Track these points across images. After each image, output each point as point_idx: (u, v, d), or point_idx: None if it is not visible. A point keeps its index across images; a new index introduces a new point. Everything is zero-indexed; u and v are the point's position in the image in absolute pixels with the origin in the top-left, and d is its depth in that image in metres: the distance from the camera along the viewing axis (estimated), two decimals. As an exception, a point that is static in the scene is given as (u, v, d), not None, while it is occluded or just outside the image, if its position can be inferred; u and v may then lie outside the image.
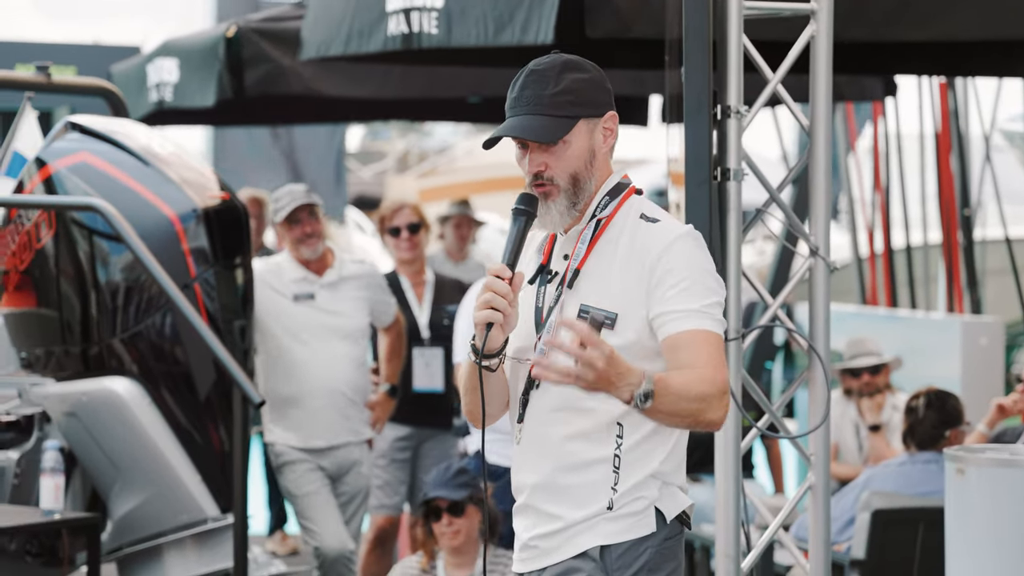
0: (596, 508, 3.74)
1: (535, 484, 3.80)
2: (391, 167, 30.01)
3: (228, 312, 6.74)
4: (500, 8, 6.07)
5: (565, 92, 3.73)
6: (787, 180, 5.53)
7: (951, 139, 11.19)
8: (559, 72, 3.75)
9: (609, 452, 3.73)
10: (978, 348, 9.32)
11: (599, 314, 3.71)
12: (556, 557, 3.79)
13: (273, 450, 7.40)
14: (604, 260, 3.76)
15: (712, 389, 3.62)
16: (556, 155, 3.75)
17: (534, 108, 3.74)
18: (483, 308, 3.67)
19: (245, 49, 8.82)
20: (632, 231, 3.76)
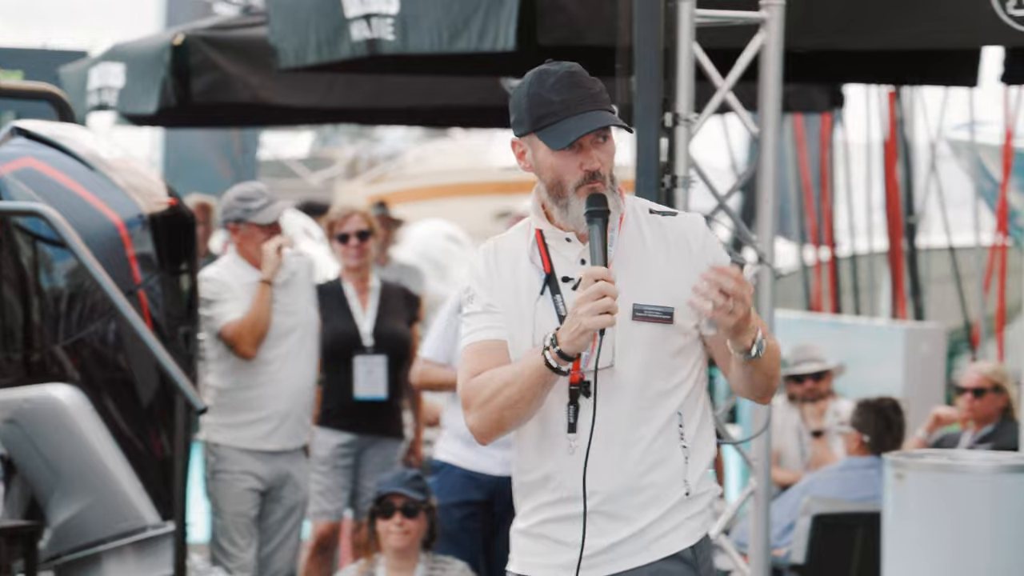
0: (676, 499, 3.77)
1: (612, 491, 3.77)
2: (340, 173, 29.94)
3: (173, 319, 6.72)
4: (454, 15, 6.08)
5: (604, 91, 3.80)
6: (735, 188, 5.57)
7: (897, 148, 11.27)
8: (587, 75, 3.79)
9: (677, 442, 3.77)
10: (920, 355, 9.39)
11: (654, 311, 3.74)
12: (638, 560, 3.78)
13: (216, 452, 7.34)
14: (633, 257, 3.77)
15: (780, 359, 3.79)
16: (606, 152, 3.78)
17: (597, 104, 3.76)
18: (601, 312, 3.62)
19: (192, 57, 8.81)
20: (653, 226, 3.82)
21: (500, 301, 3.81)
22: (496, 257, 3.86)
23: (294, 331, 7.37)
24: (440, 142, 28.50)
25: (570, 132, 3.72)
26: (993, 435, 7.54)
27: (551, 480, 3.82)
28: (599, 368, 3.72)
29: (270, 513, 7.40)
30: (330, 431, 7.99)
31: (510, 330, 3.79)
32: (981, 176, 11.50)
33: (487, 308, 3.83)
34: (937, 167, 11.25)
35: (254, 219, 7.37)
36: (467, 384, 3.81)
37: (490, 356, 3.80)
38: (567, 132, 3.73)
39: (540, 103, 3.75)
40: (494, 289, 3.83)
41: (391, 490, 6.60)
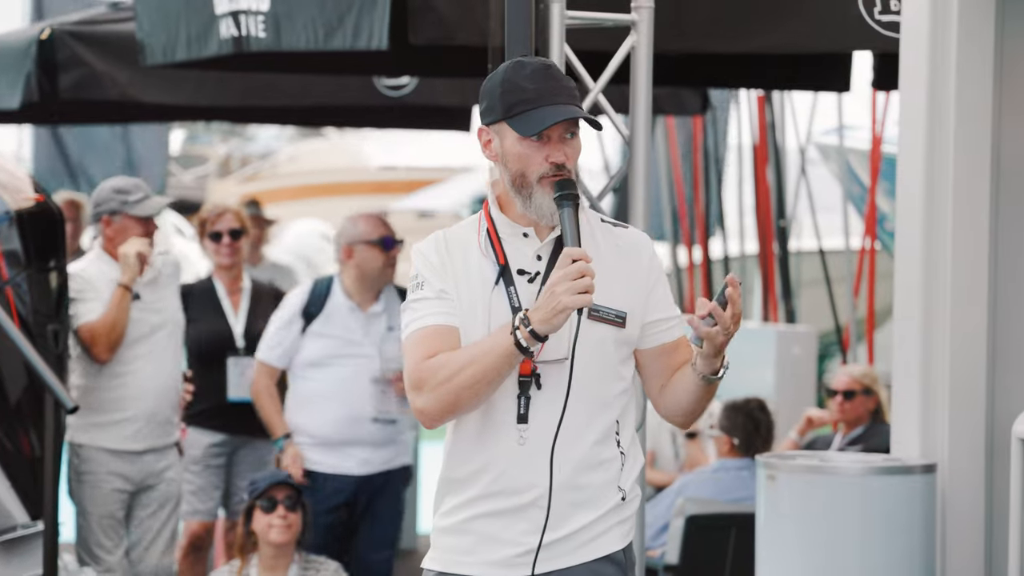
0: (611, 505, 3.80)
1: (556, 483, 3.76)
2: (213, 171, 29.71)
3: (41, 316, 6.62)
4: (328, 13, 6.05)
5: (575, 90, 3.84)
6: (607, 189, 5.58)
7: (768, 152, 11.38)
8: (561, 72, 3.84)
9: (616, 448, 3.81)
10: (791, 357, 9.49)
11: (610, 313, 3.77)
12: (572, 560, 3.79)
13: (79, 453, 7.24)
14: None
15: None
16: (573, 147, 3.81)
17: (570, 98, 3.78)
18: (581, 291, 3.63)
19: (60, 52, 8.66)
20: (606, 234, 3.86)
21: (453, 289, 3.81)
22: (447, 247, 3.86)
23: (159, 330, 7.27)
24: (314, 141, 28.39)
25: (543, 120, 3.75)
26: (863, 437, 7.64)
27: (489, 472, 3.80)
28: (552, 360, 3.74)
29: (139, 511, 7.30)
30: (203, 431, 7.92)
31: (462, 319, 3.79)
32: (850, 181, 11.64)
33: (440, 295, 3.81)
34: (807, 171, 11.36)
35: (131, 211, 7.23)
36: (420, 365, 3.77)
37: (443, 340, 3.78)
38: (539, 120, 3.75)
39: (514, 90, 3.77)
40: (447, 277, 3.82)
41: (272, 482, 6.58)
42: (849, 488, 4.91)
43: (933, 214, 5.11)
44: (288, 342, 7.25)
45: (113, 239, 7.25)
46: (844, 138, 11.30)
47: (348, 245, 7.30)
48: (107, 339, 7.11)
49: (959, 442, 5.08)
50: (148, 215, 7.25)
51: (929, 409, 5.08)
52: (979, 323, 5.12)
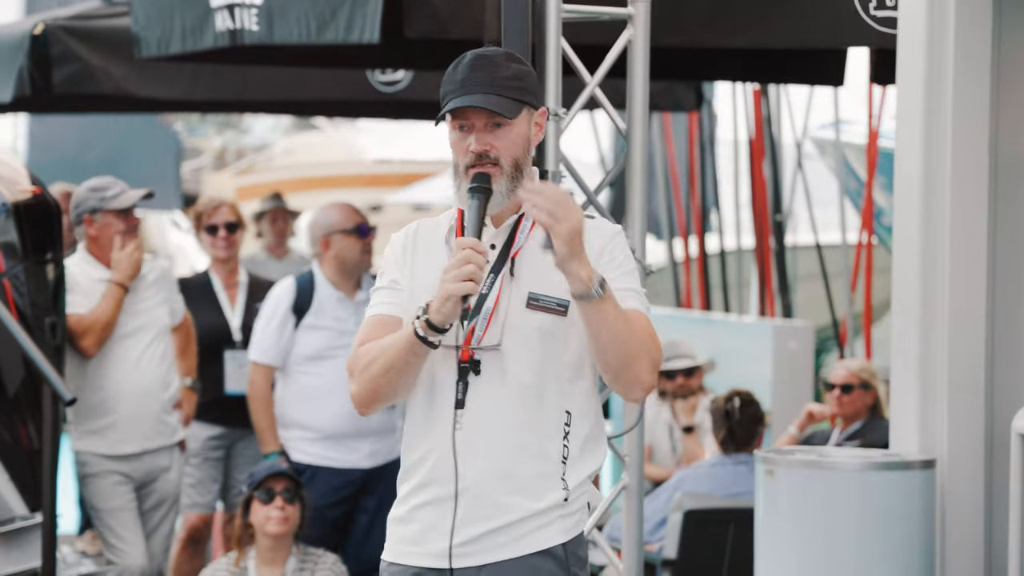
0: (552, 500, 3.78)
1: (485, 471, 3.78)
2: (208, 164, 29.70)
3: (38, 308, 6.62)
4: (321, 6, 6.05)
5: (515, 78, 3.83)
6: (604, 183, 5.58)
7: (764, 146, 11.37)
8: (506, 60, 3.85)
9: (559, 442, 3.78)
10: (788, 352, 9.48)
11: (550, 302, 3.78)
12: (509, 553, 3.79)
13: (78, 459, 7.26)
14: (541, 252, 3.77)
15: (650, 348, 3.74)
16: (500, 137, 3.81)
17: (490, 88, 3.80)
18: (464, 279, 3.67)
19: (53, 47, 8.66)
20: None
21: (408, 279, 3.86)
22: (415, 237, 3.92)
23: (139, 333, 7.26)
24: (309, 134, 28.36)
25: (447, 109, 3.81)
26: (861, 432, 7.63)
27: (430, 459, 3.83)
28: (485, 347, 3.77)
29: (140, 504, 7.31)
30: (201, 424, 7.92)
31: (408, 309, 3.81)
32: (846, 175, 11.63)
33: (391, 284, 3.89)
34: (803, 166, 11.36)
35: (110, 206, 7.25)
36: (354, 353, 3.86)
37: (380, 329, 3.85)
38: (444, 109, 3.82)
39: (448, 81, 3.84)
40: (404, 268, 3.89)
41: (269, 473, 6.59)
42: (848, 484, 4.91)
43: (931, 208, 5.11)
44: (284, 340, 7.22)
45: (97, 238, 7.26)
46: (840, 132, 11.29)
47: (325, 236, 7.28)
48: (96, 330, 7.11)
49: (958, 437, 5.08)
50: (126, 207, 7.25)
51: (928, 404, 5.07)
52: (978, 317, 5.12)
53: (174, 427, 7.37)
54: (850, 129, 11.66)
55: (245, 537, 6.62)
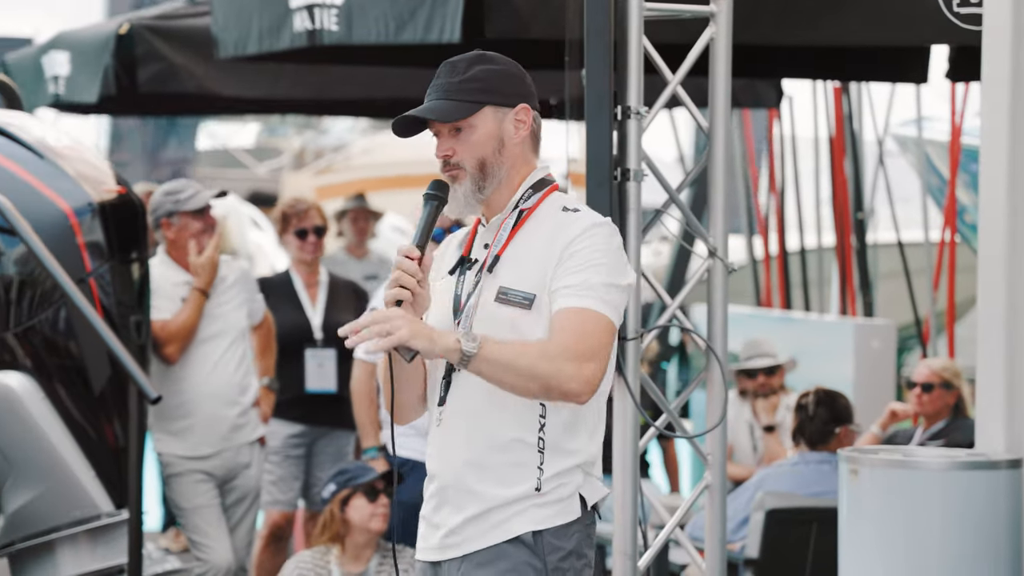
0: (524, 489, 3.81)
1: (462, 463, 3.84)
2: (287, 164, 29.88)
3: (124, 307, 6.68)
4: (401, 6, 6.07)
5: (472, 80, 3.88)
6: (686, 182, 5.57)
7: (845, 143, 11.31)
8: (470, 63, 3.90)
9: (533, 433, 3.81)
10: (870, 351, 9.43)
11: (516, 295, 3.81)
12: (483, 542, 3.83)
13: (161, 459, 7.33)
14: (524, 248, 3.85)
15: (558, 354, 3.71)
16: (462, 140, 3.87)
17: (443, 94, 3.89)
18: (392, 286, 3.77)
19: (138, 46, 8.77)
20: (553, 221, 3.87)
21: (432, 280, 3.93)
22: (447, 245, 4.04)
23: (218, 336, 7.31)
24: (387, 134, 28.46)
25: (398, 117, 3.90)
26: (944, 431, 7.58)
27: (430, 458, 3.95)
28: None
29: (222, 500, 7.37)
30: (282, 422, 7.97)
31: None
32: (929, 172, 11.55)
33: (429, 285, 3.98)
34: (885, 163, 11.29)
35: (185, 208, 7.32)
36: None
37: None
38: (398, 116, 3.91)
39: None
40: (435, 269, 3.99)
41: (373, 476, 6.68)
42: (933, 483, 4.87)
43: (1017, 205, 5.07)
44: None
45: (175, 241, 7.32)
46: (923, 129, 11.21)
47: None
48: (179, 337, 7.18)
49: (1044, 436, 5.03)
50: (201, 207, 7.32)
51: (1014, 403, 5.03)
52: (1065, 316, 5.07)
53: (254, 424, 7.42)
54: (932, 126, 11.58)
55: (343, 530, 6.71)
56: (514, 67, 3.95)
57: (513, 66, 3.95)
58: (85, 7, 33.57)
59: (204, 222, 7.34)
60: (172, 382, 7.21)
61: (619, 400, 5.06)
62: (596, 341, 3.75)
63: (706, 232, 5.29)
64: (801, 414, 7.13)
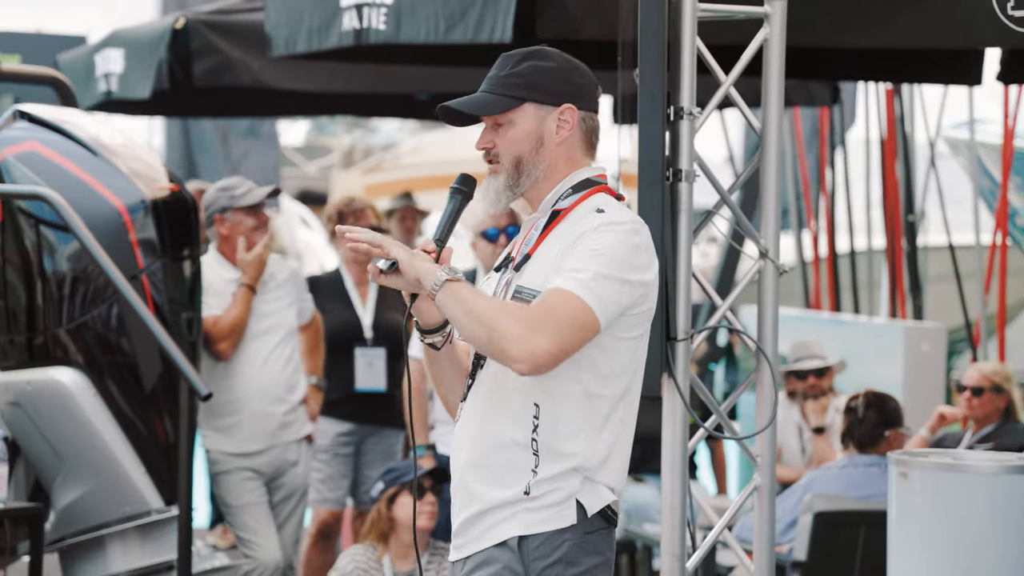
0: (515, 492, 3.75)
1: (466, 462, 3.82)
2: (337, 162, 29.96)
3: (175, 304, 6.72)
4: (452, 6, 6.08)
5: (516, 75, 3.84)
6: (738, 183, 5.55)
7: (896, 145, 11.26)
8: (521, 58, 3.86)
9: (527, 433, 3.75)
10: (920, 354, 9.39)
11: (528, 294, 3.77)
12: (478, 545, 3.80)
13: (209, 457, 7.37)
14: (553, 248, 3.81)
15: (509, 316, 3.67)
16: (501, 135, 3.85)
17: (488, 86, 3.86)
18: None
19: (194, 41, 8.81)
20: (580, 223, 3.81)
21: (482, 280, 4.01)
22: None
23: (267, 334, 7.34)
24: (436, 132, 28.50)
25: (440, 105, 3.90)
26: (994, 435, 7.55)
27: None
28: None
29: (269, 497, 7.40)
30: (331, 420, 8.00)
31: None
32: (980, 175, 11.49)
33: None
34: (936, 165, 11.24)
35: (239, 203, 7.36)
36: None
37: None
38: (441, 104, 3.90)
39: None
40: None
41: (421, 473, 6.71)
42: (982, 487, 4.85)
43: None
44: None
45: (228, 237, 7.36)
46: (975, 132, 11.16)
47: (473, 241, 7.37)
48: (230, 334, 7.21)
49: (1096, 441, 5.01)
50: (255, 203, 7.35)
51: (1066, 407, 5.01)
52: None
53: (301, 421, 7.45)
54: (984, 128, 11.52)
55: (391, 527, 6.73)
56: (569, 65, 3.87)
57: (568, 64, 3.87)
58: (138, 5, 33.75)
59: (257, 219, 7.38)
60: (221, 379, 7.24)
61: (668, 401, 5.06)
62: (555, 317, 3.65)
63: (757, 233, 5.28)
64: (851, 416, 7.11)
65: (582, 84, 3.88)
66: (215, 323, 7.20)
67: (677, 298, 4.94)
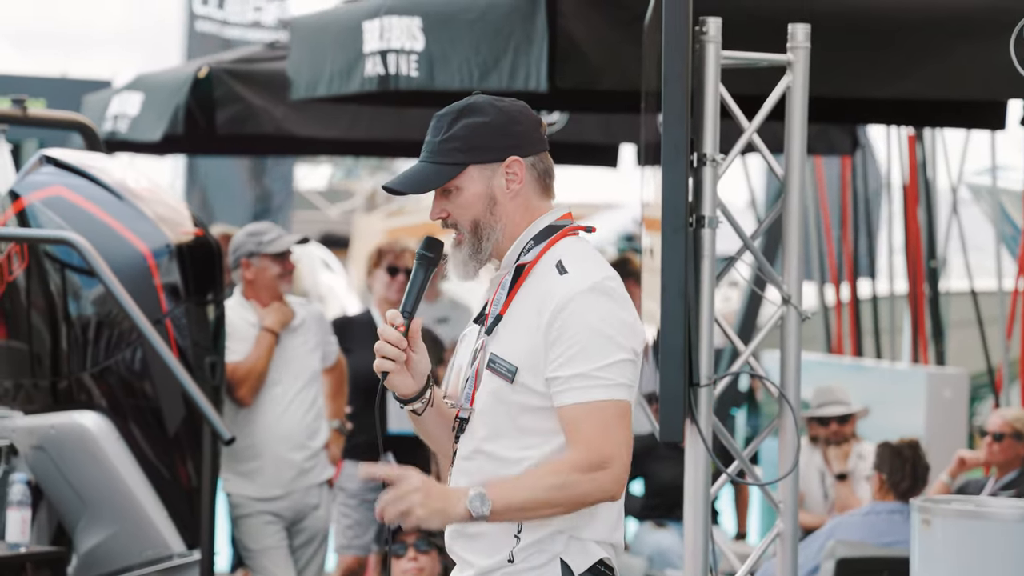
0: (500, 558, 3.67)
1: (453, 529, 3.75)
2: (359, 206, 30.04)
3: (199, 348, 6.74)
4: (484, 54, 6.12)
5: (453, 139, 3.69)
6: (761, 229, 5.56)
7: (919, 191, 11.27)
8: (454, 118, 3.71)
9: None
10: (942, 400, 9.37)
11: (502, 366, 3.66)
12: None
13: (230, 500, 7.38)
14: (520, 310, 3.69)
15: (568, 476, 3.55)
16: (452, 202, 3.71)
17: (427, 155, 3.72)
18: (378, 357, 3.68)
19: (217, 89, 8.89)
20: (543, 281, 3.68)
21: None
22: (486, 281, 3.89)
23: (289, 379, 7.35)
24: (458, 177, 28.57)
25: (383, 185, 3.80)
26: (1017, 481, 7.52)
27: None
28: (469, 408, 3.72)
29: (290, 541, 7.40)
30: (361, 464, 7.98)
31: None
32: (1003, 221, 11.49)
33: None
34: (959, 211, 11.24)
35: (267, 250, 7.38)
36: None
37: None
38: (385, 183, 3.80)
39: None
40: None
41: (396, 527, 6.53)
42: (1004, 534, 4.85)
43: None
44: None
45: (253, 281, 7.39)
46: (997, 178, 11.16)
47: None
48: (250, 380, 7.22)
49: (1120, 489, 4.99)
50: (283, 251, 7.38)
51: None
52: None
53: (322, 465, 7.45)
54: (1006, 175, 11.52)
55: None
56: (504, 116, 3.71)
57: (503, 115, 3.71)
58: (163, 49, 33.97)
59: (283, 267, 7.40)
60: (243, 423, 7.25)
61: (691, 446, 5.06)
62: (610, 439, 3.56)
63: (780, 279, 5.28)
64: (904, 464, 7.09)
65: (522, 131, 3.74)
66: (235, 369, 7.22)
67: (699, 344, 4.94)
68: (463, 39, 6.19)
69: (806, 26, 5.17)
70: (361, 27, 6.75)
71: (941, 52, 5.88)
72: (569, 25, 5.85)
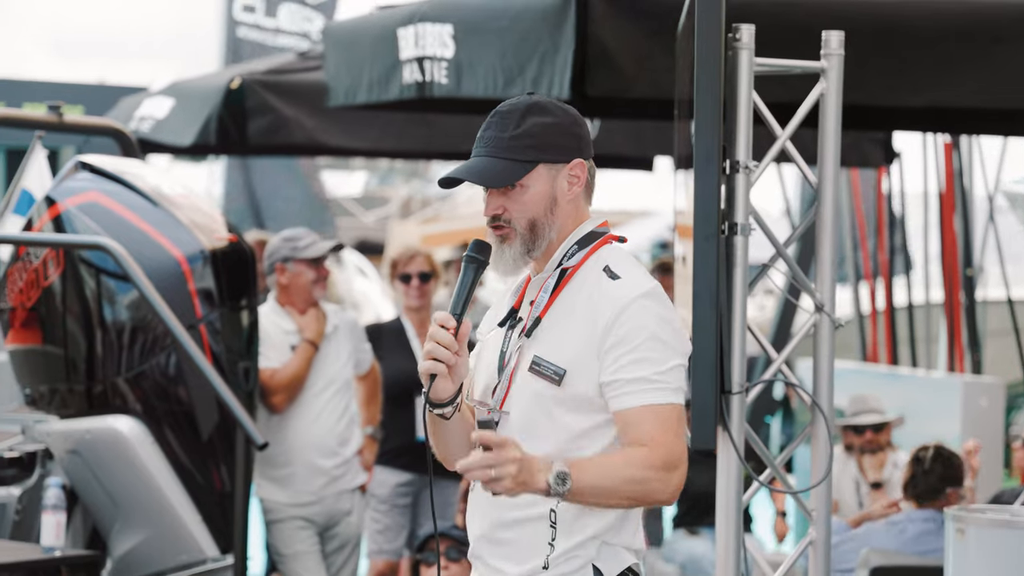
0: (532, 566, 3.65)
1: (480, 535, 3.74)
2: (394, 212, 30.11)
3: (233, 354, 6.77)
4: (509, 61, 6.13)
5: (525, 135, 3.68)
6: (794, 237, 5.55)
7: (955, 199, 11.23)
8: (522, 115, 3.70)
9: (545, 508, 3.64)
10: (978, 408, 9.33)
11: (548, 368, 3.64)
12: None
13: (263, 505, 7.40)
14: (564, 313, 3.68)
15: (644, 471, 3.55)
16: (513, 199, 3.68)
17: (493, 150, 3.69)
18: (426, 359, 3.61)
19: (249, 99, 8.95)
20: (593, 286, 3.67)
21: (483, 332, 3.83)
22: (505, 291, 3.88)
23: (323, 386, 7.37)
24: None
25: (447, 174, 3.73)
26: (1052, 491, 7.48)
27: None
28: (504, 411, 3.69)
29: (322, 547, 7.42)
30: (390, 470, 8.01)
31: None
32: (1039, 230, 11.46)
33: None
34: (995, 220, 11.20)
35: (302, 255, 7.40)
36: None
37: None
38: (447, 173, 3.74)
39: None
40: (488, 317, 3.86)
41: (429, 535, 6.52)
42: (1040, 543, 4.81)
43: None
44: None
45: (287, 287, 7.40)
46: (1033, 187, 11.14)
47: None
48: (287, 388, 7.25)
49: None
50: (318, 256, 7.40)
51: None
52: None
53: (355, 471, 7.46)
54: (1043, 184, 11.50)
55: None
56: (569, 117, 3.72)
57: (568, 116, 3.72)
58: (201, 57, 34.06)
59: (318, 272, 7.42)
60: (276, 429, 7.27)
61: (723, 454, 5.05)
62: (678, 442, 3.58)
63: (813, 287, 5.27)
64: (916, 467, 7.07)
65: (583, 134, 3.75)
66: (272, 375, 7.24)
67: (732, 351, 4.93)
68: (491, 46, 6.20)
69: (840, 33, 5.16)
70: (396, 34, 6.77)
71: (977, 59, 5.85)
72: (600, 32, 5.85)
